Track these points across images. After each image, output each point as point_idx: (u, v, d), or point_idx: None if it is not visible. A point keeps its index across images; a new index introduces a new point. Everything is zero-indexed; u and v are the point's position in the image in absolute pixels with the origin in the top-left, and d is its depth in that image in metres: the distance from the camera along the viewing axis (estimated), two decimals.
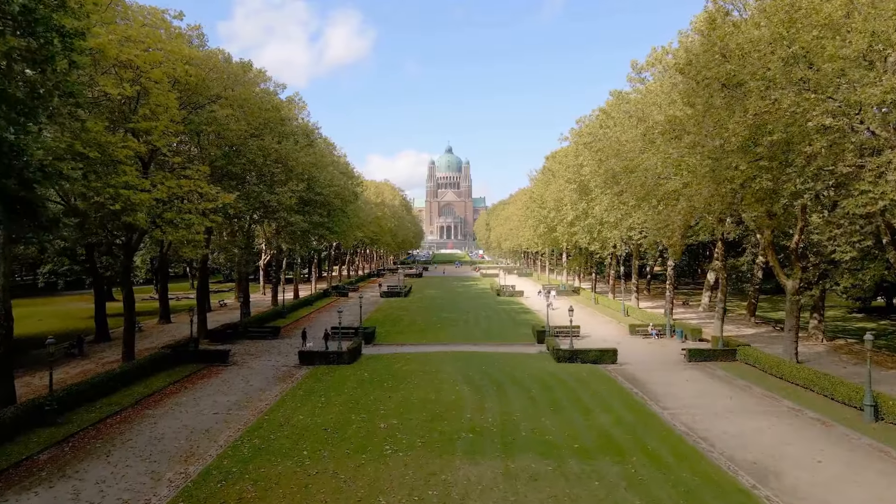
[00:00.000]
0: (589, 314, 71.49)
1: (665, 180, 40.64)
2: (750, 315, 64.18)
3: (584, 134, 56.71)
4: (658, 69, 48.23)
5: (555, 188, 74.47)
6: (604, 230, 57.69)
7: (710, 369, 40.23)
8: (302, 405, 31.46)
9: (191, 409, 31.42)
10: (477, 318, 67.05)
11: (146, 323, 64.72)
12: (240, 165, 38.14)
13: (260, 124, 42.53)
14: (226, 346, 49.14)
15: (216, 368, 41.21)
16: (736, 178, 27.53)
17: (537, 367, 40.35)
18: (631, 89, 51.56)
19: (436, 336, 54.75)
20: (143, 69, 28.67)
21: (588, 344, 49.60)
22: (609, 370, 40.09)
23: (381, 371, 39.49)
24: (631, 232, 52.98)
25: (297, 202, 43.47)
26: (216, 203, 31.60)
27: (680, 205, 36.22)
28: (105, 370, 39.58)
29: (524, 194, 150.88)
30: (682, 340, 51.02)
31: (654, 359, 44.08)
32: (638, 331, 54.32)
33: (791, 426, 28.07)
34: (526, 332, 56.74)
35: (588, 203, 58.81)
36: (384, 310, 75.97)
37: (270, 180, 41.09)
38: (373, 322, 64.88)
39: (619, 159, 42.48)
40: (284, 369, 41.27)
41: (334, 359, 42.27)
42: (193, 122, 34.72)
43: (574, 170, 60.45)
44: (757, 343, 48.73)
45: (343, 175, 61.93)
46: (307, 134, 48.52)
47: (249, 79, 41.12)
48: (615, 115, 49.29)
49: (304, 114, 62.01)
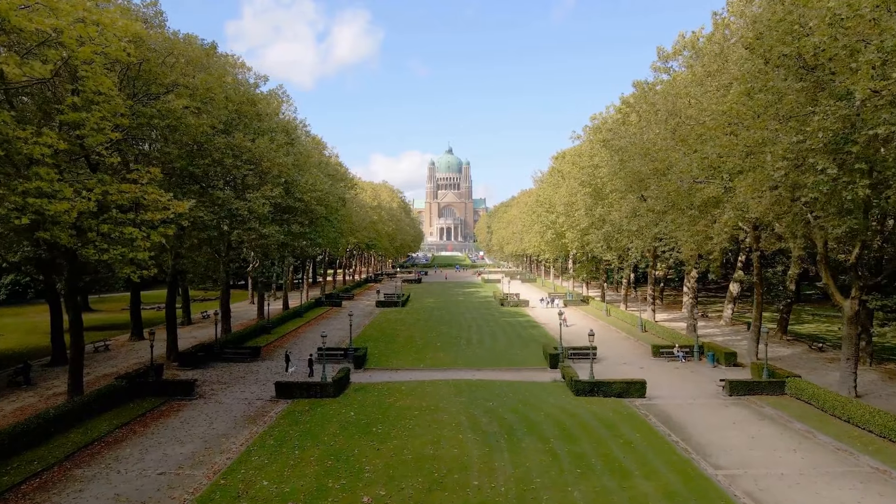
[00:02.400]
0: (602, 329, 65.53)
1: (703, 185, 34.75)
2: (781, 332, 58.22)
3: (603, 130, 50.66)
4: (687, 56, 42.30)
5: (565, 191, 68.53)
6: (622, 239, 51.64)
7: (757, 406, 34.30)
8: (269, 462, 25.54)
9: (133, 466, 25.49)
10: (480, 334, 61.10)
11: (116, 339, 58.79)
12: (203, 167, 32.15)
13: (230, 119, 36.68)
14: (195, 371, 43.26)
15: (178, 403, 35.27)
16: (819, 184, 21.69)
17: (553, 404, 34.41)
18: (655, 80, 45.67)
19: (435, 358, 48.81)
20: (67, 44, 22.77)
21: (608, 369, 43.70)
22: (638, 407, 34.17)
23: (371, 408, 33.57)
24: (657, 243, 47.00)
25: (273, 210, 37.23)
26: (166, 213, 25.73)
27: (725, 215, 30.33)
28: (48, 406, 33.82)
29: (527, 196, 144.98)
30: (713, 365, 45.08)
31: (688, 391, 38.13)
32: (662, 353, 48.36)
33: (883, 497, 22.16)
34: (535, 352, 50.81)
35: (605, 208, 52.84)
36: (379, 323, 70.00)
37: (241, 184, 35.00)
38: (365, 338, 59.00)
39: (646, 159, 36.60)
40: (258, 404, 35.35)
41: (317, 391, 36.36)
42: (144, 115, 28.87)
43: (588, 171, 54.51)
44: (799, 369, 42.83)
45: (330, 178, 55.73)
46: (287, 131, 42.30)
47: (216, 65, 35.22)
48: (640, 109, 43.48)
49: (289, 109, 56.26)
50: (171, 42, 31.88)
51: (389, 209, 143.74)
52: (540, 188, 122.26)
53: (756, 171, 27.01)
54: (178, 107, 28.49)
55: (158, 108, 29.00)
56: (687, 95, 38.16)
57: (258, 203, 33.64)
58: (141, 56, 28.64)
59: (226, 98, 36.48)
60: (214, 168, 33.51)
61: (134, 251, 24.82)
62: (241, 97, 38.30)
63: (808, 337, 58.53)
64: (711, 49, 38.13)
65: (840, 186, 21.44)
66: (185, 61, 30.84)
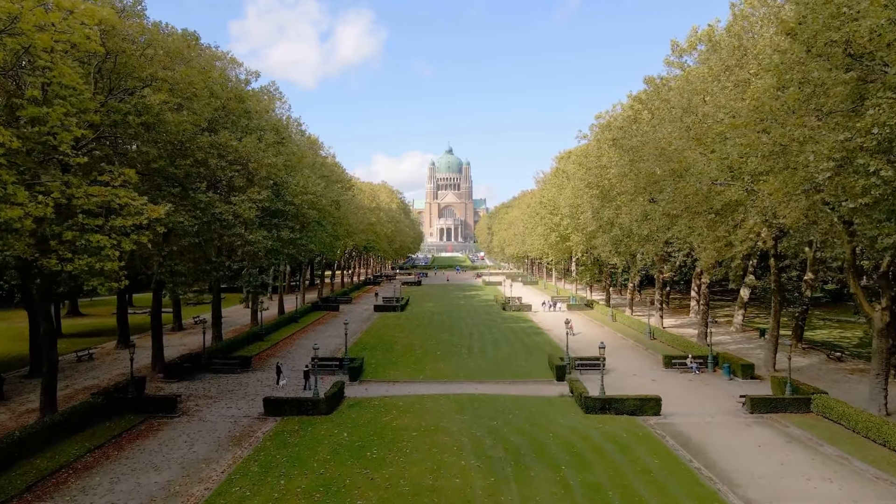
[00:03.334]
0: (608, 336, 63.05)
1: (722, 187, 32.33)
2: (796, 340, 55.69)
3: (613, 128, 48.12)
4: (703, 50, 39.88)
5: (570, 192, 66.00)
6: (632, 243, 49.12)
7: (782, 426, 31.87)
8: (252, 493, 23.10)
9: (100, 499, 23.06)
10: (482, 341, 58.65)
11: (102, 347, 56.44)
12: (184, 168, 29.63)
13: (216, 116, 34.24)
14: (181, 384, 40.80)
15: (158, 422, 32.83)
16: (871, 187, 19.24)
17: (563, 423, 31.98)
18: (668, 76, 43.20)
19: (435, 369, 46.36)
20: (25, 31, 20.34)
21: (617, 381, 41.27)
22: (653, 426, 31.73)
23: (366, 428, 31.14)
24: (669, 248, 44.55)
25: (261, 214, 34.63)
26: (139, 219, 23.29)
27: (750, 220, 27.89)
28: (18, 425, 31.40)
29: (529, 197, 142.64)
30: (729, 378, 42.63)
31: (705, 407, 35.68)
32: (674, 364, 45.90)
33: None
34: (541, 362, 48.36)
35: (613, 211, 50.30)
36: (376, 329, 67.54)
37: (227, 187, 32.50)
38: (362, 346, 56.57)
39: (661, 160, 34.17)
40: (245, 422, 32.91)
41: (309, 408, 33.93)
42: (119, 112, 26.45)
43: (596, 172, 52.04)
44: (820, 381, 40.45)
45: (324, 179, 53.11)
46: (277, 130, 39.67)
47: (199, 58, 32.72)
48: (652, 106, 41.05)
49: (282, 107, 53.87)
50: (151, 33, 29.44)
51: (388, 210, 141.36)
52: (542, 189, 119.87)
53: (787, 172, 24.57)
54: (155, 102, 26.05)
55: (134, 104, 26.54)
56: (703, 91, 35.74)
57: (244, 207, 31.08)
58: (115, 47, 26.21)
59: (210, 94, 34.03)
60: (197, 169, 31.02)
61: (102, 261, 22.37)
62: (229, 93, 35.85)
63: (824, 345, 56.12)
64: (730, 42, 35.71)
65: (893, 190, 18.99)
66: (163, 53, 28.36)
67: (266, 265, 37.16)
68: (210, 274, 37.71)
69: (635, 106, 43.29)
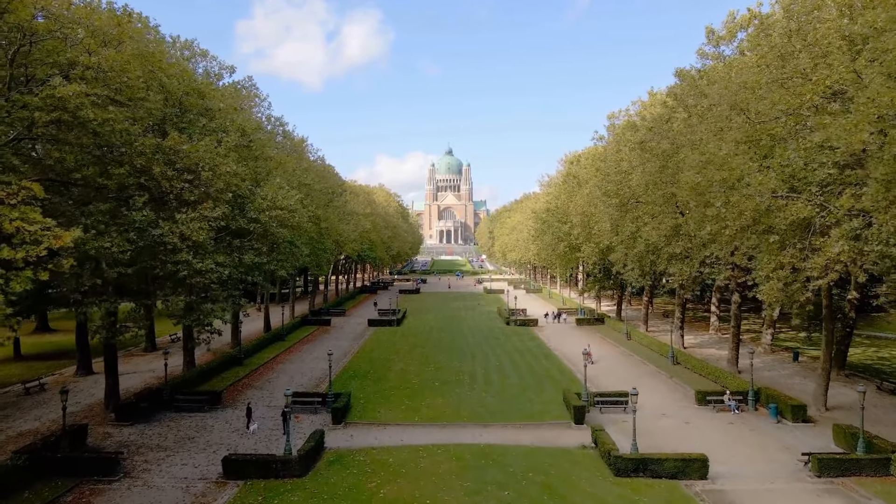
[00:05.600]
0: (624, 359, 57.07)
1: (785, 202, 26.28)
2: (837, 367, 49.57)
3: (640, 129, 41.77)
4: (751, 35, 33.83)
5: (583, 200, 59.85)
6: (661, 262, 42.81)
7: (860, 496, 25.84)
8: None
9: None
10: (486, 367, 52.54)
11: (60, 374, 50.33)
12: (118, 178, 23.54)
13: (168, 114, 28.27)
14: (134, 429, 34.70)
15: (92, 488, 26.79)
16: None
17: (589, 493, 25.93)
18: (704, 68, 37.14)
19: (433, 406, 40.18)
20: None
21: (645, 425, 34.99)
22: (700, 496, 25.71)
23: (346, 500, 25.10)
24: (708, 268, 38.38)
25: (218, 233, 28.21)
26: (35, 249, 17.32)
27: (836, 248, 21.85)
28: None
29: (532, 201, 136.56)
30: (776, 420, 36.56)
31: (757, 466, 29.60)
32: (709, 401, 39.82)
33: None
34: (554, 396, 42.25)
35: (635, 222, 44.05)
36: (369, 350, 61.42)
37: (176, 200, 26.23)
38: (351, 373, 50.56)
39: (709, 167, 28.10)
40: (198, 489, 26.86)
41: (278, 469, 27.88)
42: (28, 106, 20.47)
43: (615, 179, 45.84)
44: (881, 425, 34.41)
45: (305, 188, 46.60)
46: (244, 131, 33.23)
47: (146, 43, 26.61)
48: (688, 104, 34.98)
49: (261, 106, 47.89)
50: (74, 11, 23.38)
51: (385, 215, 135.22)
52: (547, 193, 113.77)
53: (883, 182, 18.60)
54: (70, 94, 20.03)
55: (44, 97, 20.51)
56: (755, 85, 29.67)
57: (193, 227, 24.86)
58: (17, 23, 20.18)
59: (161, 87, 28.00)
60: (137, 179, 24.96)
61: None
62: (187, 87, 29.77)
63: (866, 371, 50.18)
64: (787, 26, 29.68)
65: None
66: (86, 33, 22.27)
67: (222, 298, 30.75)
68: (146, 312, 31.90)
69: (668, 103, 37.19)
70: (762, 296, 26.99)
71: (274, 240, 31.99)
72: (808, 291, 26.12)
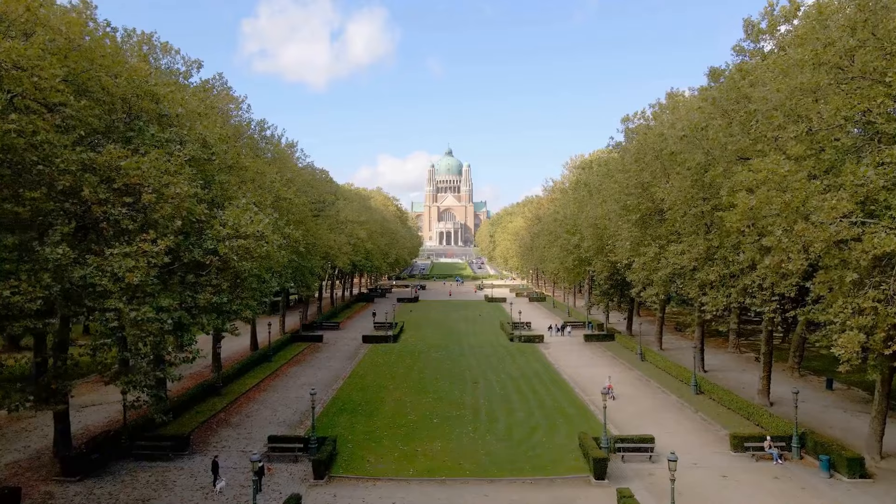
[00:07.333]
0: (642, 386, 52.18)
1: (862, 230, 21.34)
2: (885, 405, 44.16)
3: (670, 139, 36.37)
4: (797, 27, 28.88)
5: (595, 211, 54.75)
6: (691, 289, 37.56)
7: None
8: None
9: None
10: (490, 398, 47.55)
11: None
12: (33, 203, 18.42)
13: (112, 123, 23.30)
14: (81, 487, 29.75)
15: None
16: None
17: None
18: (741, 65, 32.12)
19: (430, 454, 35.16)
20: None
21: (678, 485, 29.94)
22: None
23: None
24: (749, 298, 33.29)
25: (163, 268, 22.86)
26: None
27: None
28: None
29: (536, 206, 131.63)
30: (829, 474, 31.57)
31: None
32: (747, 447, 34.83)
33: None
34: (568, 439, 37.28)
35: (660, 241, 38.86)
36: (361, 375, 56.43)
37: (113, 229, 21.03)
38: (340, 405, 45.70)
39: (765, 186, 23.13)
40: None
41: None
42: None
43: (634, 191, 40.76)
44: None
45: (284, 202, 41.38)
46: (205, 142, 27.82)
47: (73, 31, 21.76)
48: (728, 108, 29.95)
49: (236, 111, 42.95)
50: None
51: (382, 220, 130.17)
52: (552, 199, 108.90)
53: None
54: None
55: None
56: (813, 86, 24.72)
57: (128, 264, 19.59)
58: None
59: (101, 88, 23.04)
60: (60, 204, 20.00)
61: None
62: (136, 88, 24.74)
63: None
64: (853, 17, 24.73)
65: None
66: None
67: (158, 352, 25.78)
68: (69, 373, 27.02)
69: (706, 108, 32.13)
70: (838, 350, 22.06)
71: (237, 274, 27.00)
72: (894, 344, 21.26)
